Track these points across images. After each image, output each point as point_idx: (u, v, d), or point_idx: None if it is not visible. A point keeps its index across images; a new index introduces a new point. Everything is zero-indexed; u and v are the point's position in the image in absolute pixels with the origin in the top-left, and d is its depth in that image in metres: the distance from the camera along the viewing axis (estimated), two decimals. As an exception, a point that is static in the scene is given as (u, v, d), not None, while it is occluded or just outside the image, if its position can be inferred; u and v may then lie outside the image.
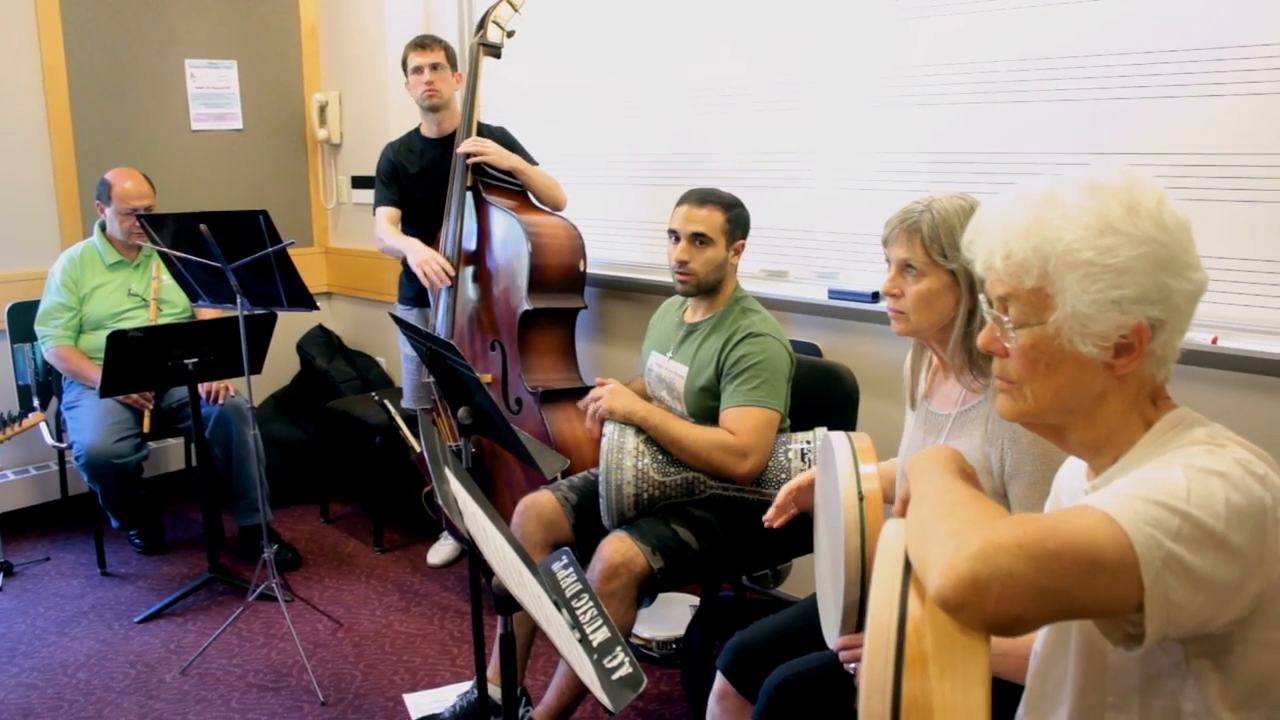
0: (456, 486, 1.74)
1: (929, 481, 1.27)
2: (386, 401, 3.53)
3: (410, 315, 3.93)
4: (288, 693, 3.15)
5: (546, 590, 1.76)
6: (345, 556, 4.16)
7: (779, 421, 2.66)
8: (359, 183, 5.01)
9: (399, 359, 4.28)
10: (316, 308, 3.40)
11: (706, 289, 2.77)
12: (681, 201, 2.77)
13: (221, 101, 4.98)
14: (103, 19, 4.59)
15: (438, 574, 3.98)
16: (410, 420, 3.70)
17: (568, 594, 1.82)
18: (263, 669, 3.29)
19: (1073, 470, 1.45)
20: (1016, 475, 1.81)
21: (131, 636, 3.54)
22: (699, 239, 2.71)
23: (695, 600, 3.34)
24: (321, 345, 4.97)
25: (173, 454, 4.75)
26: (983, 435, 1.87)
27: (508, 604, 1.61)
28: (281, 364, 4.93)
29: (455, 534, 3.96)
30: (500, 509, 3.27)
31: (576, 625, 1.74)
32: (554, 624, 1.62)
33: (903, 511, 1.44)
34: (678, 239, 2.74)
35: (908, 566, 1.20)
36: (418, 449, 3.64)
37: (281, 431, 4.68)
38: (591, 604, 1.78)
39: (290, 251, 3.25)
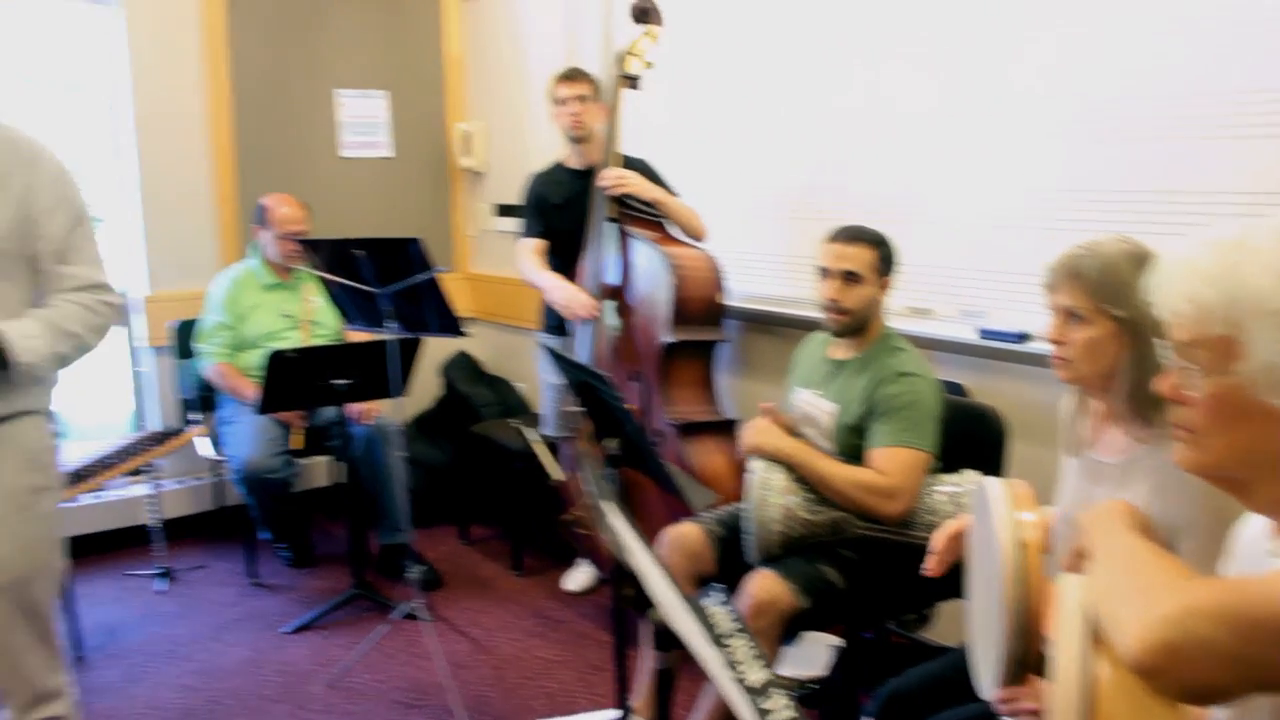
0: (618, 519, 1.77)
1: (1114, 539, 1.25)
2: (525, 428, 3.61)
3: (552, 343, 3.99)
4: (429, 711, 3.22)
5: (704, 627, 1.77)
6: (484, 579, 4.24)
7: (929, 463, 2.64)
8: (502, 211, 5.12)
9: (540, 385, 4.35)
10: (465, 334, 3.49)
11: (857, 327, 2.76)
12: (832, 238, 2.77)
13: (370, 130, 5.16)
14: (265, 53, 4.81)
15: (575, 600, 4.02)
16: (551, 446, 3.77)
17: (724, 632, 1.83)
18: (405, 686, 3.37)
19: (1253, 529, 1.40)
20: (1188, 532, 1.75)
21: (280, 646, 3.67)
22: (850, 277, 2.71)
23: (834, 640, 3.31)
24: (463, 370, 5.09)
25: (319, 471, 4.90)
26: (1151, 487, 1.82)
27: (667, 639, 1.63)
28: (425, 387, 5.07)
29: (597, 561, 3.99)
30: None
31: (733, 665, 1.74)
32: (712, 662, 1.64)
33: (1074, 565, 1.42)
34: (828, 276, 2.74)
35: (1090, 625, 1.18)
36: (557, 475, 3.71)
37: (423, 453, 4.80)
38: (748, 643, 1.78)
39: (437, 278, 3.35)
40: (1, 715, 2.28)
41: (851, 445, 2.70)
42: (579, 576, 4.11)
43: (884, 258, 2.75)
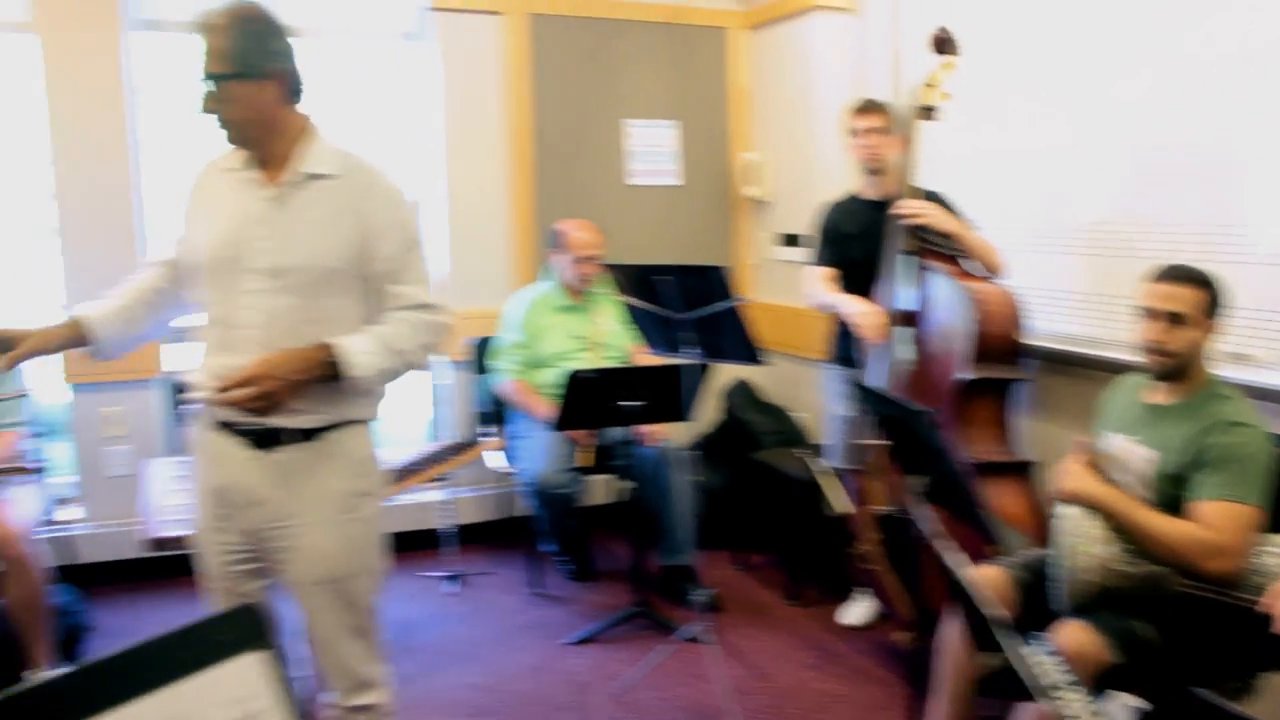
0: (957, 559, 1.75)
1: None
2: (810, 458, 3.60)
3: (839, 375, 3.97)
4: (708, 733, 3.26)
5: (1033, 676, 1.73)
6: (759, 606, 4.25)
7: (1259, 520, 2.46)
8: (786, 240, 5.14)
9: (824, 416, 4.33)
10: (763, 363, 3.52)
11: (1179, 371, 2.62)
12: (1157, 278, 2.64)
13: (657, 158, 5.30)
14: (563, 85, 5.05)
15: (851, 635, 3.97)
16: (835, 478, 3.75)
17: (1053, 683, 1.77)
18: (685, 707, 3.42)
19: None
20: None
21: (563, 656, 3.79)
22: (1175, 319, 2.57)
23: (1131, 700, 3.14)
24: (743, 397, 5.14)
25: (599, 488, 4.99)
26: None
27: (1002, 685, 1.59)
28: (704, 412, 5.14)
29: (882, 598, 3.88)
30: (923, 582, 3.24)
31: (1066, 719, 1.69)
32: (1060, 715, 1.59)
33: None
34: (1152, 317, 2.61)
35: None
36: (843, 508, 3.68)
37: (700, 477, 4.85)
38: (1083, 698, 1.72)
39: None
40: (327, 698, 2.46)
41: (1170, 495, 2.56)
42: (857, 610, 4.05)
43: (1213, 300, 2.60)
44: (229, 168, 2.36)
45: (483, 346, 4.62)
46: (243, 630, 1.05)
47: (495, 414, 4.60)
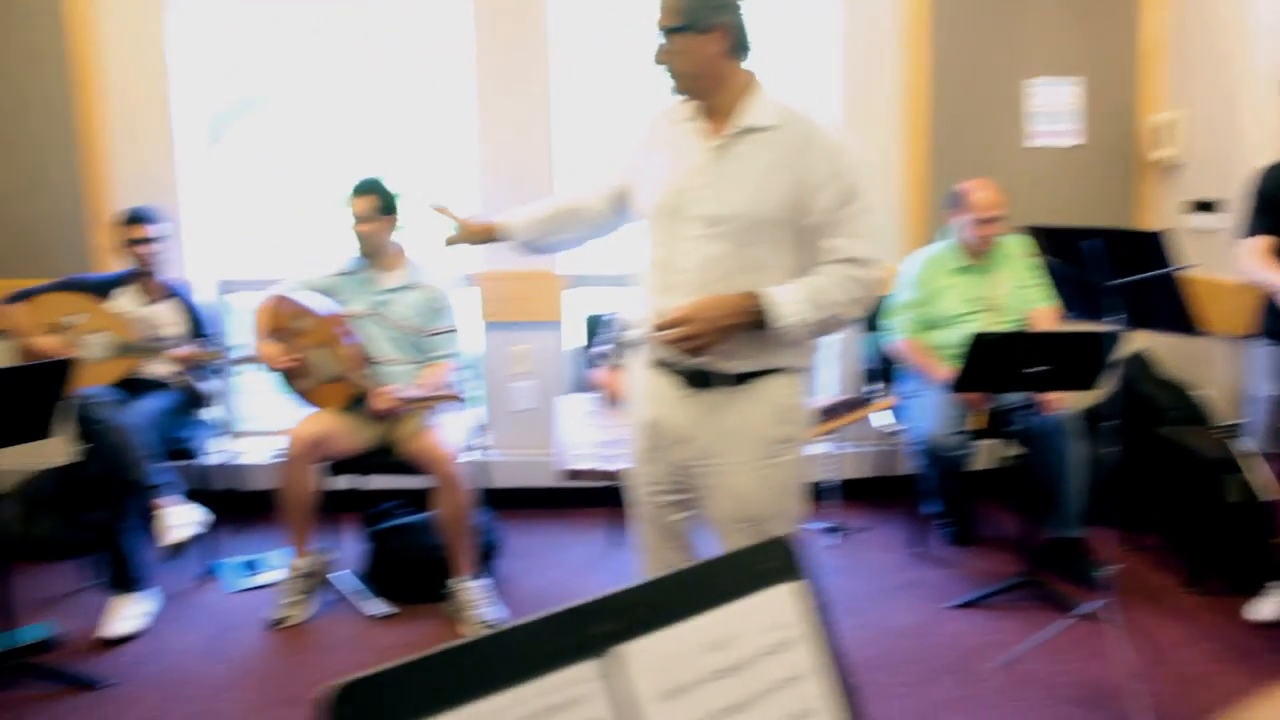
0: None
1: None
2: (1231, 439, 3.38)
3: (1269, 352, 3.68)
4: (1106, 715, 3.15)
5: None
6: (1154, 590, 4.04)
7: None
8: (1198, 207, 4.79)
9: (1233, 394, 4.04)
10: (1201, 334, 3.32)
11: None
12: None
13: (1058, 119, 5.06)
14: (963, 42, 4.91)
15: (1265, 632, 3.68)
16: (1259, 461, 3.50)
17: None
18: (1080, 684, 3.32)
19: None
20: None
21: (946, 619, 3.79)
22: None
23: None
24: (1141, 369, 4.87)
25: (985, 452, 4.80)
26: None
27: None
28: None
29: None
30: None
31: None
32: None
33: None
34: None
35: None
36: (1265, 494, 3.43)
37: (1101, 448, 4.63)
38: None
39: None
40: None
41: None
42: (1272, 606, 3.76)
43: None
44: (679, 119, 2.49)
45: (874, 305, 4.62)
46: (779, 561, 1.12)
47: (883, 372, 4.60)
